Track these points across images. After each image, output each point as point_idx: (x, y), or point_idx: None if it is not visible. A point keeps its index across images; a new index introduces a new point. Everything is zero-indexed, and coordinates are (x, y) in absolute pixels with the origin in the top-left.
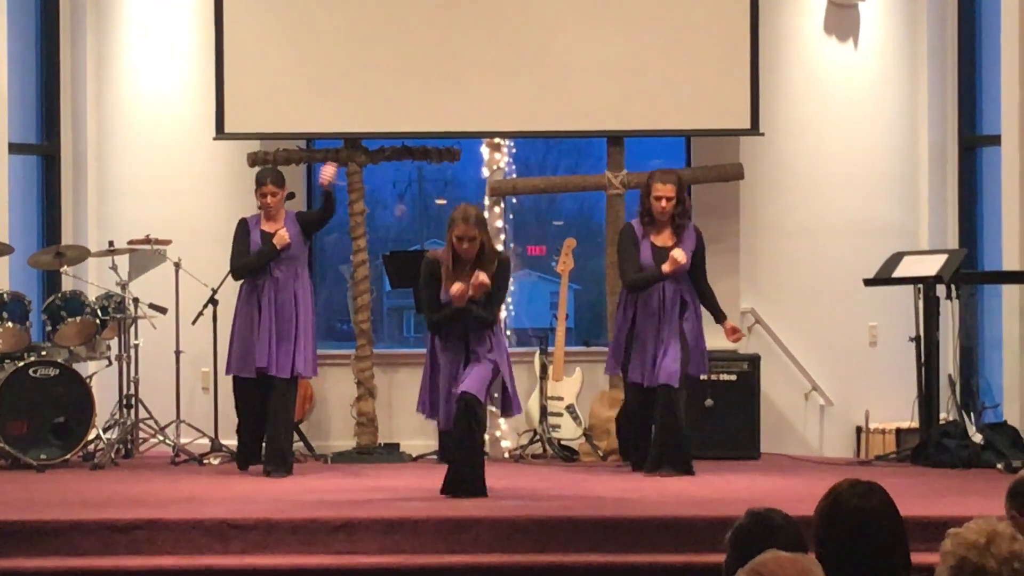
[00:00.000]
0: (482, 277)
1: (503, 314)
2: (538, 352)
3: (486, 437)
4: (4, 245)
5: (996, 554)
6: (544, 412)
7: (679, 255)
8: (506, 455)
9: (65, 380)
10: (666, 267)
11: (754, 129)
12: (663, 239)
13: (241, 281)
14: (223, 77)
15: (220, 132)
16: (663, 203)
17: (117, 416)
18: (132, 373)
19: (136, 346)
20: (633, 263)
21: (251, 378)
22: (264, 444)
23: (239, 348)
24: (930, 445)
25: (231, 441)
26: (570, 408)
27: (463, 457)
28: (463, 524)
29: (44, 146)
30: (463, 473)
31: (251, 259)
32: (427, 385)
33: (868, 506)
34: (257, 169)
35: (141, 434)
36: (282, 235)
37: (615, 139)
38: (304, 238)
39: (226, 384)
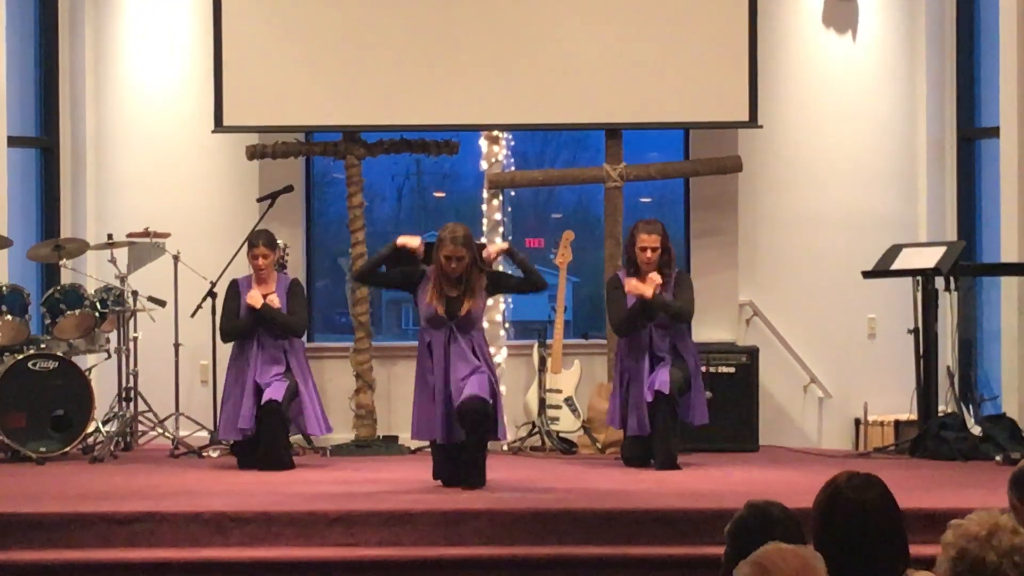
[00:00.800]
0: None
1: (502, 307)
2: (536, 345)
3: None
4: (3, 238)
5: (997, 547)
6: (543, 405)
7: (656, 276)
8: (505, 448)
9: (64, 373)
10: (647, 290)
11: (752, 122)
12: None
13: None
14: (222, 70)
15: (219, 125)
16: (648, 253)
17: (116, 409)
18: (131, 366)
19: (135, 339)
20: (619, 309)
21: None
22: (260, 450)
23: (230, 410)
24: (928, 437)
25: None
26: (568, 401)
27: (469, 452)
28: (462, 516)
29: (43, 139)
30: (467, 466)
31: (240, 323)
32: (417, 409)
33: (866, 498)
34: (249, 232)
35: (140, 427)
36: (254, 296)
37: (613, 132)
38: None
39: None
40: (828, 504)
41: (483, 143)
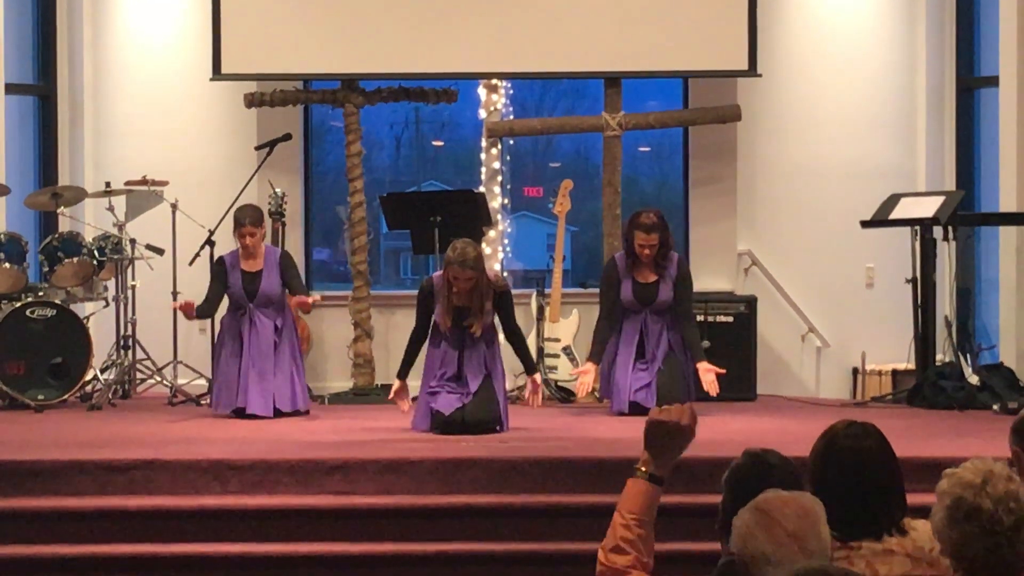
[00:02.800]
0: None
1: (500, 255)
2: (535, 294)
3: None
4: (1, 186)
5: (992, 494)
6: (541, 354)
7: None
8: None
9: (62, 321)
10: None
11: (752, 70)
12: (645, 275)
13: (221, 317)
14: (220, 17)
15: (217, 73)
16: (647, 251)
17: (114, 357)
18: (129, 314)
19: (133, 287)
20: (606, 304)
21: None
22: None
23: (225, 388)
24: (926, 386)
25: None
26: (567, 349)
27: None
28: (459, 465)
29: (40, 86)
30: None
31: (205, 308)
32: (422, 402)
33: (863, 447)
34: (235, 209)
35: (138, 375)
36: (184, 307)
37: (612, 80)
38: (284, 280)
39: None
40: (825, 453)
41: (482, 91)
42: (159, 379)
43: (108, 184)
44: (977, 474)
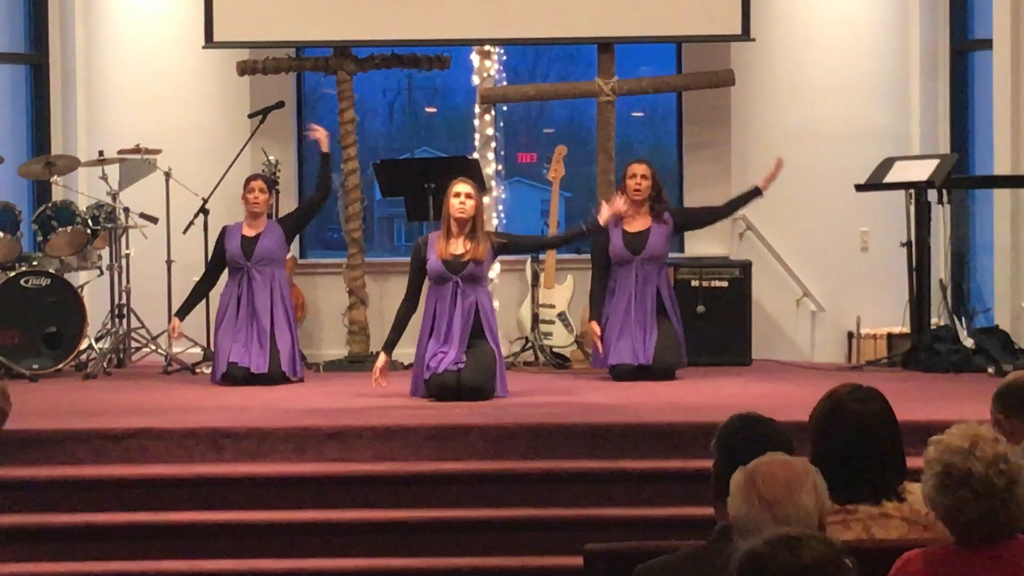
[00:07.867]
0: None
1: (495, 222)
2: (529, 260)
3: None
4: None
5: (981, 457)
6: (536, 320)
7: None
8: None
9: (57, 290)
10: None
11: (745, 35)
12: (636, 225)
13: (220, 293)
14: None
15: (209, 41)
16: (637, 179)
17: (109, 326)
18: (124, 283)
19: (127, 256)
20: (597, 263)
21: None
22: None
23: (222, 355)
24: (921, 350)
25: None
26: (562, 315)
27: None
28: (455, 431)
29: (32, 55)
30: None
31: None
32: (418, 368)
33: (867, 411)
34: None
35: (133, 343)
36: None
37: (606, 46)
38: (286, 241)
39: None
40: (829, 416)
41: (475, 58)
42: (154, 348)
43: (101, 153)
44: (964, 439)
